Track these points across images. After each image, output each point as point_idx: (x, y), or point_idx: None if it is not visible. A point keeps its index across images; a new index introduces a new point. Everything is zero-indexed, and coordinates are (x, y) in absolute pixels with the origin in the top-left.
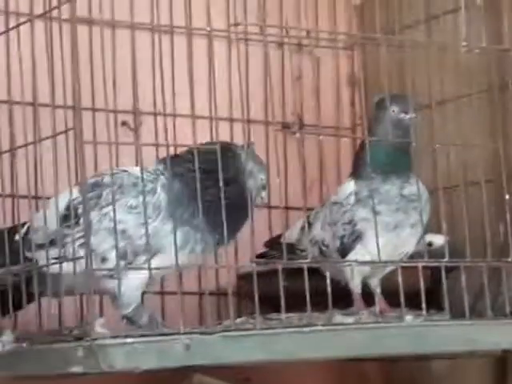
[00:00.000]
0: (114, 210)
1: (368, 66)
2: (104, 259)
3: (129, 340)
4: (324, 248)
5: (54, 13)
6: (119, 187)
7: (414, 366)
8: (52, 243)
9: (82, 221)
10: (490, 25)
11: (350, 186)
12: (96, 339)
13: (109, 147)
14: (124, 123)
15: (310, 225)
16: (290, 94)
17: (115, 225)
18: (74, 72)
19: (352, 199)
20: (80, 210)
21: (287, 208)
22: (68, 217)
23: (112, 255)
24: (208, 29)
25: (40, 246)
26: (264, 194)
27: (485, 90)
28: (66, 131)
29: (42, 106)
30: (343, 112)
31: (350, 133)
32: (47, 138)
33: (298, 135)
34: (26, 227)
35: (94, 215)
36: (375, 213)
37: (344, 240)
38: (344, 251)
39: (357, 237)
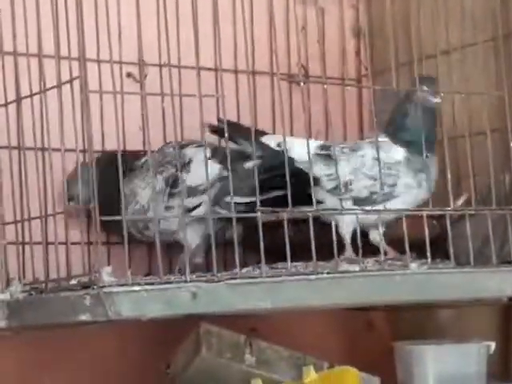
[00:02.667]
0: None
1: (373, 15)
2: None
3: (135, 288)
4: (342, 190)
5: None
6: None
7: (420, 315)
8: None
9: None
10: None
11: (400, 153)
12: (103, 287)
13: (113, 97)
14: (129, 74)
15: (327, 156)
16: (295, 45)
17: None
18: (78, 22)
19: (402, 167)
20: None
21: None
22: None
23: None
24: None
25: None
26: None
27: (490, 39)
28: (71, 80)
29: (47, 58)
30: (348, 62)
31: (356, 83)
32: (53, 87)
33: (302, 84)
34: None
35: None
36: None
37: (374, 196)
38: (363, 203)
39: (388, 198)
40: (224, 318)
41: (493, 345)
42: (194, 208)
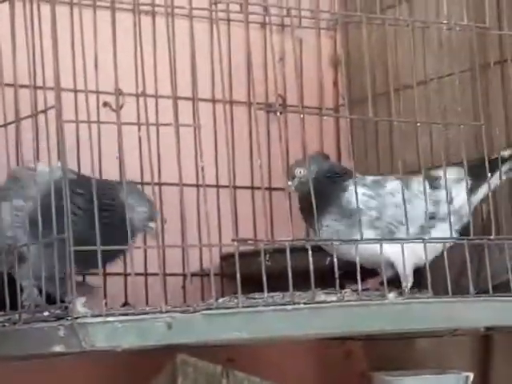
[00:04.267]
0: None
1: (350, 46)
2: None
3: (110, 319)
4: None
5: None
6: None
7: (398, 345)
8: None
9: None
10: (472, 4)
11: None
12: (77, 318)
13: (88, 127)
14: (106, 104)
15: None
16: (272, 75)
17: None
18: (54, 52)
19: None
20: None
21: (270, 189)
22: None
23: None
24: (188, 7)
25: None
26: (152, 224)
27: (468, 69)
28: (45, 110)
29: (23, 88)
30: (326, 92)
31: (333, 113)
32: (28, 116)
33: (279, 114)
34: None
35: None
36: None
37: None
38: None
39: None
40: (201, 349)
41: (471, 375)
42: None
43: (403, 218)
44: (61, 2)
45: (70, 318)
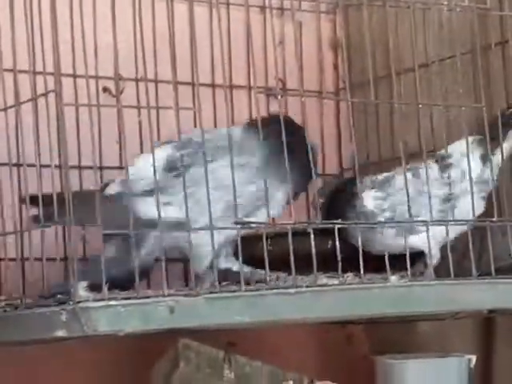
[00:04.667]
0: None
1: (351, 28)
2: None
3: (112, 303)
4: None
5: None
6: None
7: (400, 329)
8: (150, 193)
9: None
10: None
11: None
12: (79, 302)
13: (89, 110)
14: (105, 89)
15: None
16: (272, 59)
17: None
18: (53, 36)
19: None
20: (181, 163)
21: None
22: (172, 169)
23: (216, 208)
24: None
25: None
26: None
27: (469, 51)
28: (46, 93)
29: (23, 73)
30: (326, 76)
31: (334, 96)
32: (28, 100)
33: (279, 97)
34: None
35: (196, 170)
36: None
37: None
38: None
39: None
40: (203, 333)
41: (474, 358)
42: None
43: (418, 210)
44: None
45: (71, 303)
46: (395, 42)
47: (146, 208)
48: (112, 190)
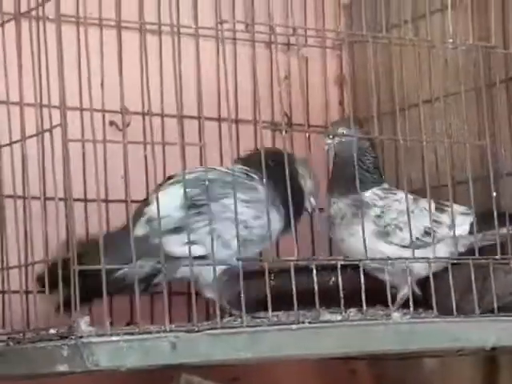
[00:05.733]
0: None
1: (356, 64)
2: (228, 246)
3: (114, 338)
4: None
5: (40, 12)
6: (224, 182)
7: (404, 365)
8: (175, 231)
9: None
10: (478, 23)
11: None
12: (81, 337)
13: (93, 145)
14: (112, 123)
15: None
16: (278, 94)
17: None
18: (59, 71)
19: None
20: (198, 201)
21: None
22: (190, 207)
23: (234, 242)
24: (194, 26)
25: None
26: (312, 199)
27: (473, 88)
28: (51, 128)
29: (29, 106)
30: (332, 111)
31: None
32: (34, 135)
33: (284, 133)
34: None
35: (216, 207)
36: None
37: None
38: None
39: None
40: (205, 368)
41: None
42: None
43: (402, 225)
44: (67, 21)
45: (74, 337)
46: (400, 78)
47: (173, 246)
48: (139, 231)
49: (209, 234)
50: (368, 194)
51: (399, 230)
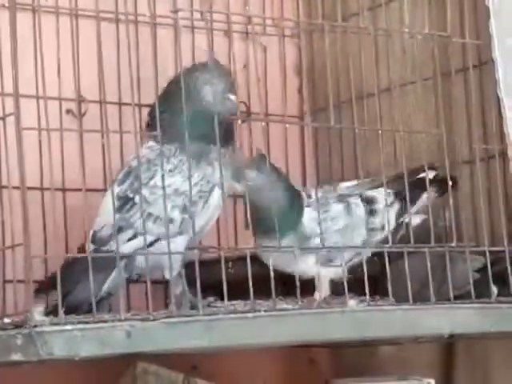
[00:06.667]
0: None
1: (315, 53)
2: (172, 220)
3: (68, 327)
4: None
5: None
6: (149, 162)
7: (361, 352)
8: (120, 230)
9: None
10: (435, 13)
11: None
12: (35, 326)
13: (47, 134)
14: (69, 111)
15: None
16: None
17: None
18: (13, 58)
19: None
20: (130, 194)
21: (235, 196)
22: (123, 205)
23: (175, 213)
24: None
25: (110, 237)
26: (232, 96)
27: (430, 77)
28: (4, 117)
29: None
30: (290, 100)
31: (298, 121)
32: None
33: (240, 122)
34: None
35: (145, 192)
36: None
37: None
38: None
39: None
40: (163, 356)
41: (433, 382)
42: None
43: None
44: (22, 9)
45: (27, 327)
46: (358, 67)
47: (121, 247)
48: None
49: (140, 217)
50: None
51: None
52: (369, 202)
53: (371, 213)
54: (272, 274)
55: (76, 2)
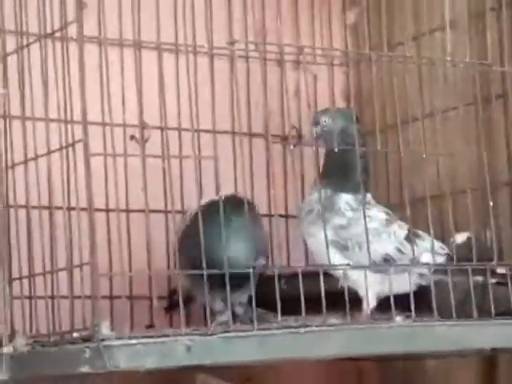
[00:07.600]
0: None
1: (362, 81)
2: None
3: (133, 341)
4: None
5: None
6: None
7: (409, 365)
8: None
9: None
10: (476, 42)
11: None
12: (103, 340)
13: (113, 159)
14: (132, 137)
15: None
16: (288, 109)
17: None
18: (81, 89)
19: None
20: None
21: (286, 216)
22: None
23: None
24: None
25: None
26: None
27: (471, 103)
28: (73, 143)
29: (53, 122)
30: None
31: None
32: (57, 149)
33: (291, 147)
34: None
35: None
36: None
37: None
38: None
39: None
40: (220, 369)
41: None
42: None
43: (363, 243)
44: (89, 41)
45: (95, 341)
46: (403, 93)
47: None
48: None
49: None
50: (341, 200)
51: (358, 247)
52: (415, 233)
53: (409, 238)
54: (323, 290)
55: (139, 34)
